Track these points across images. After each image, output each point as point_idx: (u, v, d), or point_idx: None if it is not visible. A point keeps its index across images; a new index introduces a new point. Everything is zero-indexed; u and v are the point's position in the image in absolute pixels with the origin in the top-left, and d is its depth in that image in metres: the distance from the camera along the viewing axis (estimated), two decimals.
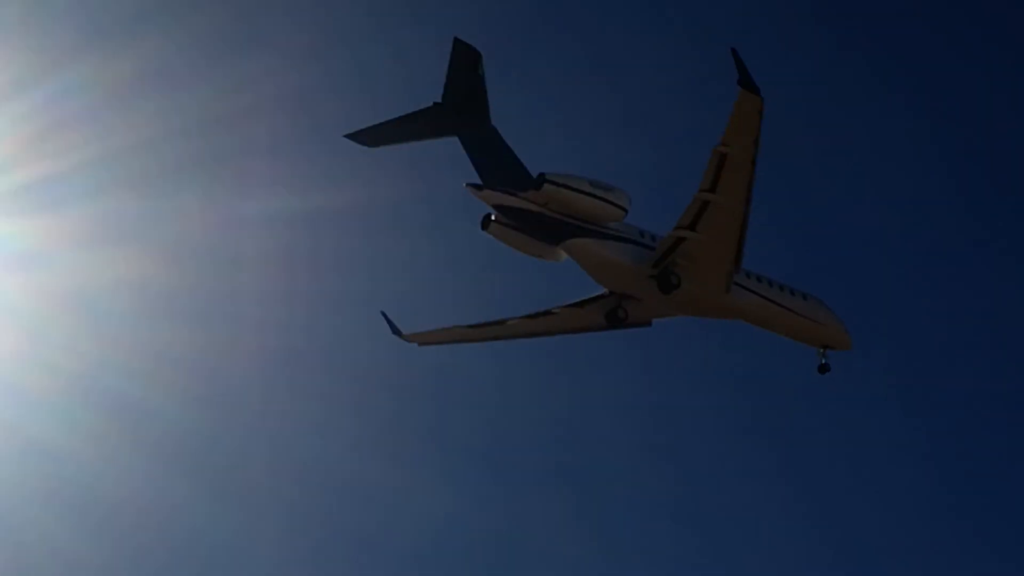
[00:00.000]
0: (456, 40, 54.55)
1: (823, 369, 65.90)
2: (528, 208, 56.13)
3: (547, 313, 63.59)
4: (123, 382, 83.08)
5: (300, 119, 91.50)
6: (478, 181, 56.65)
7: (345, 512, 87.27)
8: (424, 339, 66.99)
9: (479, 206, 57.50)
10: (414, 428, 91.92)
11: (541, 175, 55.26)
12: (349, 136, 57.15)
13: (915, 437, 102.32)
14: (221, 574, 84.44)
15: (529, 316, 63.84)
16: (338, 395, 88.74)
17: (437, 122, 56.96)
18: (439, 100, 56.47)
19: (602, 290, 62.04)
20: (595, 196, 55.47)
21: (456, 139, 57.37)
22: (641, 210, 58.85)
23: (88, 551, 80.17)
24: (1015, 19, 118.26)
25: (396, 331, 67.28)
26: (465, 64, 55.48)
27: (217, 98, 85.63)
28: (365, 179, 77.82)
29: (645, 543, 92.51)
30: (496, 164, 57.21)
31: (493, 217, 57.52)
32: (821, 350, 65.92)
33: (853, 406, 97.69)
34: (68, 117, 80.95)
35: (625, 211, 56.36)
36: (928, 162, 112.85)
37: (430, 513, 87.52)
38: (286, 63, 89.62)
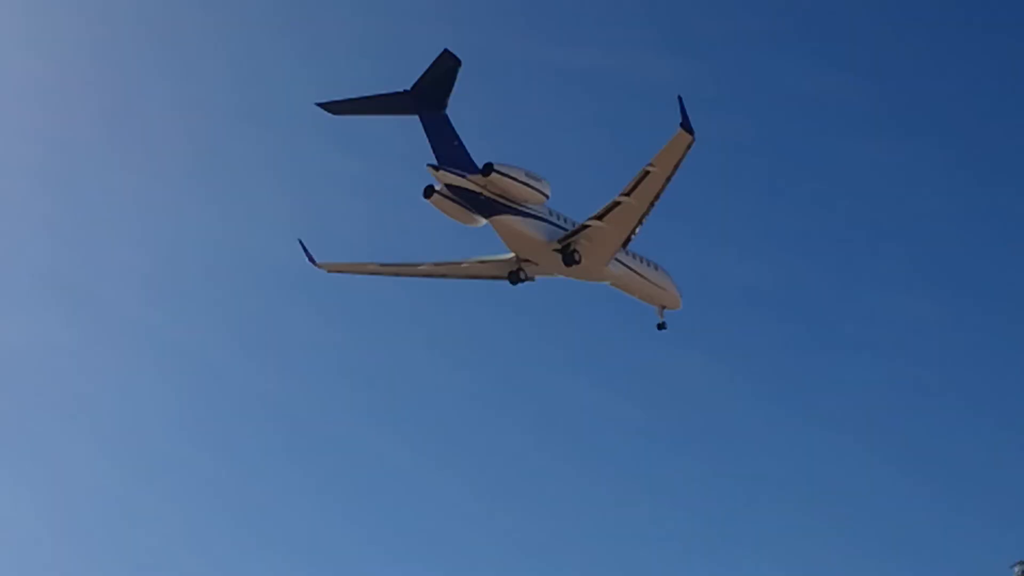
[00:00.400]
0: (445, 51, 64.25)
1: (661, 327, 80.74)
2: (471, 188, 67.19)
3: (454, 263, 75.01)
4: None
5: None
6: (433, 160, 67.22)
7: None
8: (334, 268, 76.88)
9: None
10: None
11: (488, 164, 66.45)
12: (320, 104, 66.54)
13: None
14: None
15: (437, 263, 75.09)
16: None
17: (402, 105, 67.13)
18: (408, 88, 66.54)
19: (505, 250, 73.96)
20: (527, 184, 67.29)
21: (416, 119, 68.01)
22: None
23: None
24: None
25: (311, 259, 76.74)
26: (444, 68, 65.26)
27: None
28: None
29: None
30: (446, 145, 67.77)
31: (437, 189, 68.14)
32: (660, 309, 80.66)
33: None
34: None
35: (547, 197, 68.64)
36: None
37: None
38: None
